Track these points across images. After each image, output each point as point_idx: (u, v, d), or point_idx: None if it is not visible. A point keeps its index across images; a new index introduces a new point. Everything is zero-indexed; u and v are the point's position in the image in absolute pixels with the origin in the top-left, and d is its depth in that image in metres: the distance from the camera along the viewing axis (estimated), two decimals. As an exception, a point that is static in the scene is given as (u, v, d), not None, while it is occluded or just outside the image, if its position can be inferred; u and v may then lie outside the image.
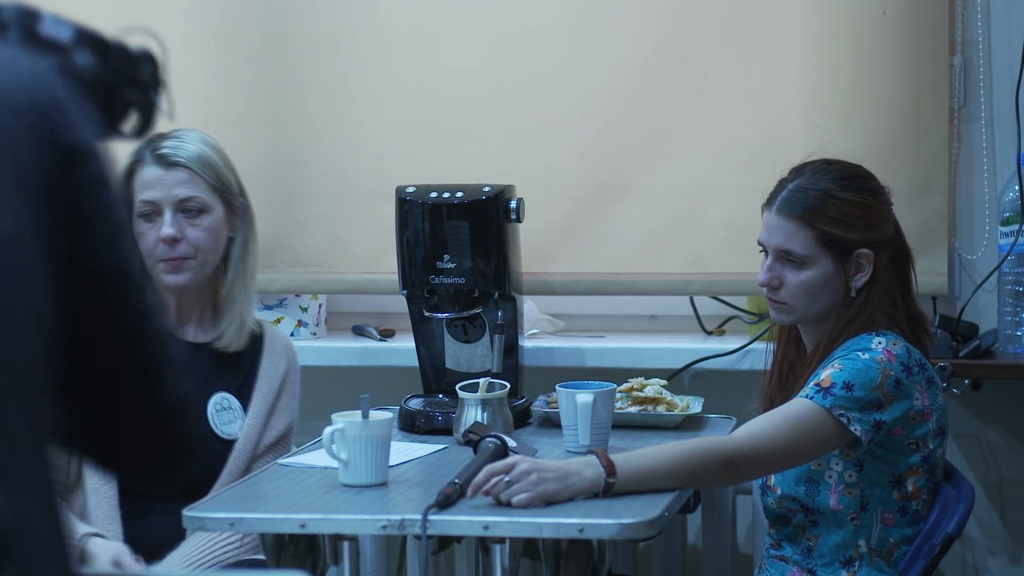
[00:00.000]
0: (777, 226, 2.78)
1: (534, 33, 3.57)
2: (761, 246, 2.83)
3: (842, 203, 2.77)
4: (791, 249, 2.77)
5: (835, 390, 2.66)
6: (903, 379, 2.69)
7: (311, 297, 3.76)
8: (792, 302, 2.79)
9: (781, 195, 2.79)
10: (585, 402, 2.92)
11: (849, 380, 2.66)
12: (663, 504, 2.59)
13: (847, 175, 2.81)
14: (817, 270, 2.77)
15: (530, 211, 3.30)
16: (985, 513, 3.53)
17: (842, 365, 2.68)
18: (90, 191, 1.43)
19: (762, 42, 3.48)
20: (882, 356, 2.69)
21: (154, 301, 1.50)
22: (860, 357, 2.69)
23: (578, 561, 2.72)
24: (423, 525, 2.49)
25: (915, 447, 2.71)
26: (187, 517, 2.57)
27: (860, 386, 2.66)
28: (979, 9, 3.45)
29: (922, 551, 2.69)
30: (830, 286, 2.77)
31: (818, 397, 2.66)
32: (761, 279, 2.82)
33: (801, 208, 2.76)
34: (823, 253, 2.76)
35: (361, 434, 2.67)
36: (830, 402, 2.65)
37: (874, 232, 2.79)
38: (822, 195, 2.77)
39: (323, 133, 3.65)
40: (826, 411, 2.65)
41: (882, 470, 2.70)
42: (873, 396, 2.66)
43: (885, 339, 2.73)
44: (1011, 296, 3.35)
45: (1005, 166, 3.45)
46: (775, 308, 2.83)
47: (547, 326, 3.73)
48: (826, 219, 2.76)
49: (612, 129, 3.54)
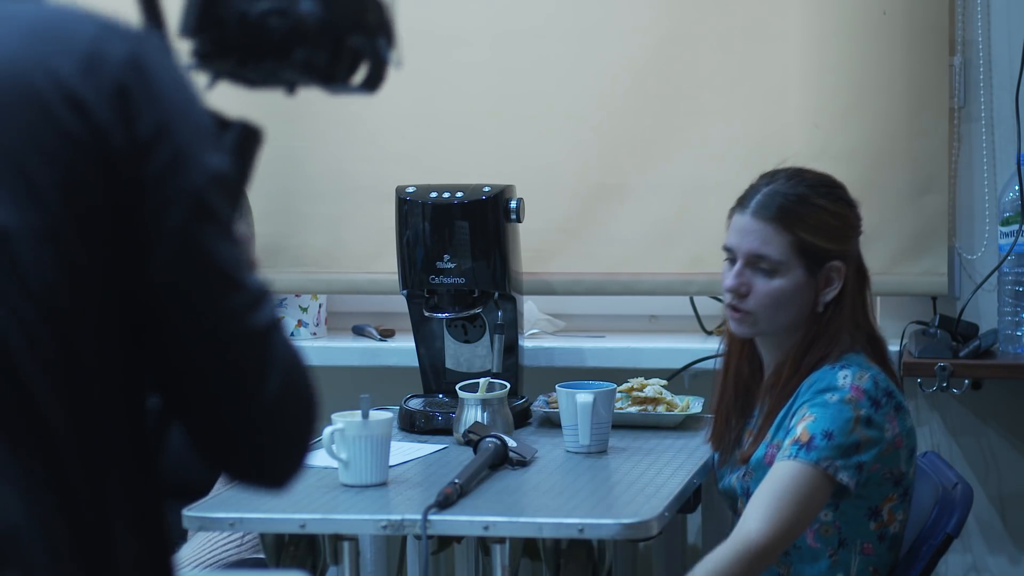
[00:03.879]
0: (752, 229, 2.65)
1: (534, 32, 3.57)
2: (728, 251, 2.69)
3: (820, 211, 2.66)
4: (765, 254, 2.64)
5: (816, 442, 2.53)
6: (873, 415, 2.57)
7: (311, 297, 3.76)
8: (758, 312, 2.65)
9: (756, 198, 2.67)
10: (585, 402, 2.92)
11: (827, 429, 2.54)
12: (663, 504, 2.59)
13: (824, 183, 2.71)
14: (788, 279, 2.64)
15: (530, 211, 3.30)
16: (985, 513, 3.53)
17: (814, 414, 2.56)
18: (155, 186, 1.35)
19: (762, 42, 3.48)
20: (850, 395, 2.57)
21: (246, 297, 1.39)
22: (829, 401, 2.57)
23: (578, 561, 2.73)
24: (423, 525, 2.49)
25: (889, 476, 2.61)
26: (187, 517, 2.57)
27: (839, 432, 2.54)
28: (979, 9, 3.45)
29: (922, 551, 2.69)
30: (799, 298, 2.65)
31: (802, 454, 2.53)
32: (728, 284, 2.67)
33: (778, 211, 2.65)
34: (796, 261, 2.64)
35: (361, 434, 2.67)
36: (815, 456, 2.53)
37: (847, 244, 2.68)
38: (799, 200, 2.66)
39: (323, 132, 3.64)
40: (814, 466, 2.52)
41: (858, 505, 2.60)
42: (852, 439, 2.55)
43: (850, 371, 2.60)
44: (1011, 296, 3.35)
45: (1005, 166, 3.45)
46: (738, 318, 2.68)
47: (547, 326, 3.73)
48: (804, 225, 2.64)
49: (612, 129, 3.54)
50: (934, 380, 3.32)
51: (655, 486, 2.71)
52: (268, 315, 1.41)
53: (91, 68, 1.35)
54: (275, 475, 1.47)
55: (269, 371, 1.40)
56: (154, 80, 1.37)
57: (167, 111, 1.37)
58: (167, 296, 1.37)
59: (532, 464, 2.86)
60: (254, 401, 1.41)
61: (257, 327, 1.40)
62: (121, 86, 1.35)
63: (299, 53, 1.43)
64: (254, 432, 1.42)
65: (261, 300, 1.41)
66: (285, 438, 1.44)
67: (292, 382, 1.43)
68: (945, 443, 3.54)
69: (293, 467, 1.46)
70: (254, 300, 1.40)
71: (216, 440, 1.44)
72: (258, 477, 1.48)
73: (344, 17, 1.45)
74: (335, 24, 1.44)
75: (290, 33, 1.42)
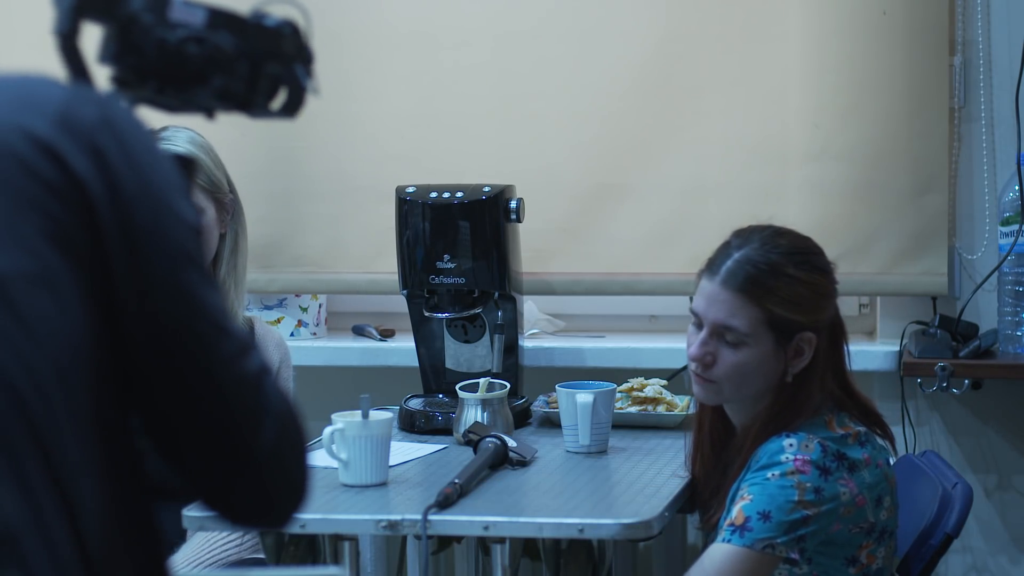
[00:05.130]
0: (720, 299, 2.55)
1: (534, 32, 3.57)
2: (695, 316, 2.59)
3: (792, 282, 2.54)
4: (732, 326, 2.54)
5: (751, 523, 2.45)
6: (822, 485, 2.47)
7: (311, 297, 3.76)
8: (723, 383, 2.57)
9: (726, 265, 2.56)
10: (585, 402, 2.92)
11: (763, 509, 2.45)
12: (663, 504, 2.59)
13: (799, 250, 2.59)
14: (755, 351, 2.54)
15: (530, 211, 3.30)
16: (985, 513, 3.53)
17: (752, 494, 2.47)
18: (142, 240, 1.37)
19: (762, 41, 3.48)
20: (793, 468, 2.47)
21: (235, 344, 1.42)
22: (769, 479, 2.47)
23: (578, 561, 2.73)
24: (423, 525, 2.49)
25: (859, 530, 2.53)
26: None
27: (777, 510, 2.45)
28: (979, 9, 3.45)
29: (921, 551, 2.69)
30: (765, 369, 2.56)
31: (735, 538, 2.45)
32: (693, 353, 2.57)
33: (748, 283, 2.53)
34: (764, 334, 2.54)
35: (361, 434, 2.67)
36: (749, 539, 2.45)
37: (820, 315, 2.57)
38: (771, 271, 2.54)
39: (323, 133, 3.64)
40: (748, 548, 2.44)
41: (834, 555, 2.53)
42: (795, 516, 2.46)
43: (797, 440, 2.50)
44: (1011, 296, 3.35)
45: (1005, 166, 3.45)
46: (702, 387, 2.59)
47: (547, 326, 3.73)
48: (774, 298, 2.53)
49: (612, 129, 3.54)
50: (934, 380, 3.32)
51: (655, 486, 2.71)
52: (257, 361, 1.44)
53: (65, 126, 1.37)
54: (277, 517, 1.49)
55: (264, 416, 1.43)
56: (127, 140, 1.40)
57: (143, 169, 1.39)
58: (160, 346, 1.39)
59: (532, 464, 2.86)
60: (252, 447, 1.43)
61: (249, 372, 1.43)
62: (96, 146, 1.37)
63: (217, 80, 1.46)
64: (254, 478, 1.45)
65: (248, 347, 1.43)
66: (285, 482, 1.47)
67: (286, 427, 1.45)
68: (945, 443, 3.54)
69: (294, 507, 1.49)
70: (243, 346, 1.43)
71: (214, 486, 1.45)
72: (259, 520, 1.51)
73: (260, 45, 1.48)
74: (251, 52, 1.47)
75: (208, 60, 1.45)
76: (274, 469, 1.45)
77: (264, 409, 1.43)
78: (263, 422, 1.43)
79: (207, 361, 1.40)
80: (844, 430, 2.56)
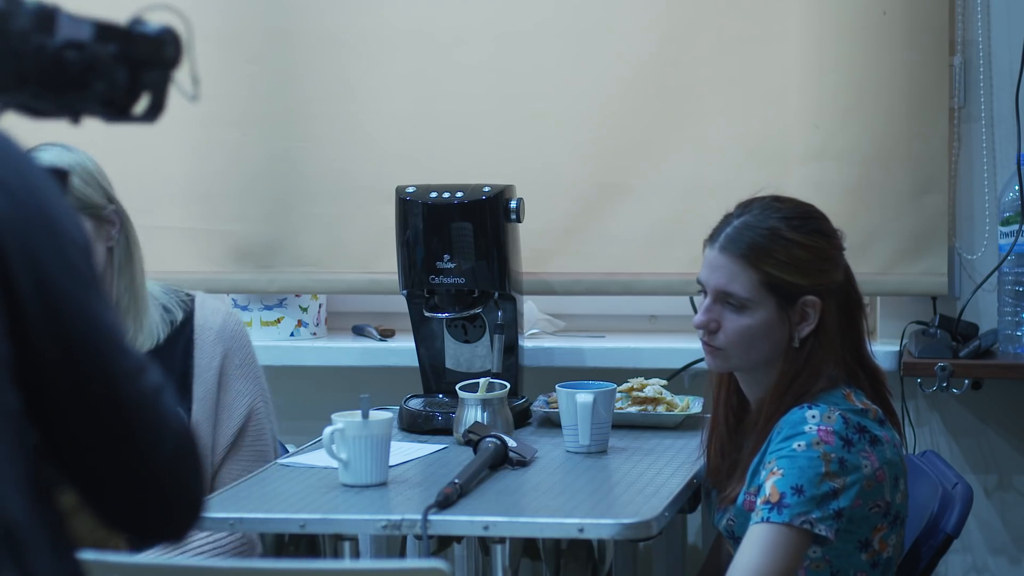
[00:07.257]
0: (719, 265, 2.59)
1: (534, 32, 3.57)
2: (700, 285, 2.64)
3: (790, 245, 2.57)
4: (732, 291, 2.57)
5: (787, 500, 2.46)
6: (846, 456, 2.49)
7: (311, 297, 3.76)
8: (729, 348, 2.60)
9: (725, 231, 2.60)
10: (585, 402, 2.92)
11: (796, 483, 2.46)
12: (663, 504, 2.59)
13: (798, 215, 2.62)
14: (758, 316, 2.57)
15: (530, 211, 3.30)
16: (985, 513, 3.53)
17: (782, 468, 2.48)
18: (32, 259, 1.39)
19: (762, 42, 3.48)
20: (817, 438, 2.49)
21: (133, 362, 1.44)
22: (797, 451, 2.49)
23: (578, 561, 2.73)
24: (423, 525, 2.49)
25: (876, 509, 2.54)
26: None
27: (809, 484, 2.46)
28: (979, 9, 3.45)
29: (922, 551, 2.69)
30: (771, 334, 2.58)
31: (773, 515, 2.46)
32: (697, 320, 2.62)
33: (746, 247, 2.57)
34: (766, 298, 2.57)
35: (361, 434, 2.67)
36: (787, 515, 2.45)
37: (823, 278, 2.59)
38: (769, 234, 2.57)
39: (323, 133, 3.65)
40: (787, 525, 2.45)
41: (848, 539, 2.53)
42: (825, 487, 2.47)
43: (819, 411, 2.52)
44: (1011, 296, 3.35)
45: (1005, 166, 3.45)
46: (710, 354, 2.63)
47: (547, 326, 3.73)
48: (772, 261, 2.56)
49: (612, 129, 3.54)
50: (934, 380, 3.32)
51: (655, 486, 2.71)
52: (155, 378, 1.46)
53: None
54: (174, 532, 1.52)
55: (162, 432, 1.45)
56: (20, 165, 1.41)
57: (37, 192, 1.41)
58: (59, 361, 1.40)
59: (532, 464, 2.86)
60: (151, 463, 1.45)
61: (147, 390, 1.44)
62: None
63: (98, 86, 1.46)
64: (154, 494, 1.47)
65: (146, 364, 1.45)
66: (184, 497, 1.49)
67: (183, 443, 1.47)
68: (945, 443, 3.54)
69: (191, 523, 1.51)
70: (141, 363, 1.45)
71: (113, 504, 1.47)
72: (159, 535, 1.53)
73: (141, 52, 1.47)
74: (131, 58, 1.47)
75: (87, 67, 1.45)
76: (173, 484, 1.47)
77: (161, 425, 1.45)
78: (161, 438, 1.45)
79: (105, 376, 1.42)
80: (863, 405, 2.58)
